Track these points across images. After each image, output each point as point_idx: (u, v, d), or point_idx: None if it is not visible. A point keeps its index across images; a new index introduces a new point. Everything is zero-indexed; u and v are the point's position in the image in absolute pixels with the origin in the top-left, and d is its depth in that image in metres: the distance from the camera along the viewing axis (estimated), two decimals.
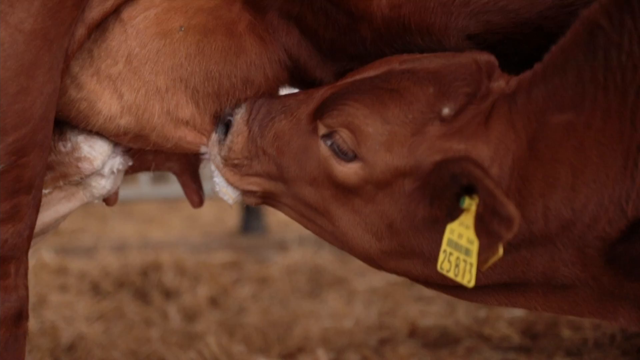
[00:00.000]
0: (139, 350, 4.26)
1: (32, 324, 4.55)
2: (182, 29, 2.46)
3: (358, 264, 5.80)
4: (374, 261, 2.32)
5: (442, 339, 4.34)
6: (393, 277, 5.07)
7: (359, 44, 2.44)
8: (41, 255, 5.82)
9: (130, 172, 2.73)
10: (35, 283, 5.36)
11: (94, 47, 2.47)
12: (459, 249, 2.05)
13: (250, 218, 7.23)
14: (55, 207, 2.56)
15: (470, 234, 2.03)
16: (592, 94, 2.06)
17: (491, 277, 2.20)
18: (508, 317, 4.40)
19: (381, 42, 2.44)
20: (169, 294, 5.33)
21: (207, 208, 7.77)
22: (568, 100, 2.08)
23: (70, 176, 2.54)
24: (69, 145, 2.53)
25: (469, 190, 2.05)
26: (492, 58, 2.27)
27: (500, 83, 2.23)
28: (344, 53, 2.51)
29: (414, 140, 2.17)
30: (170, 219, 8.32)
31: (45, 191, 2.50)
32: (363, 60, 2.44)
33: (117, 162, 2.58)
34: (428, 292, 4.91)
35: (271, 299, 5.27)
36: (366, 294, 5.27)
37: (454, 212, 2.08)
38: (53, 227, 2.64)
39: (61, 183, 2.54)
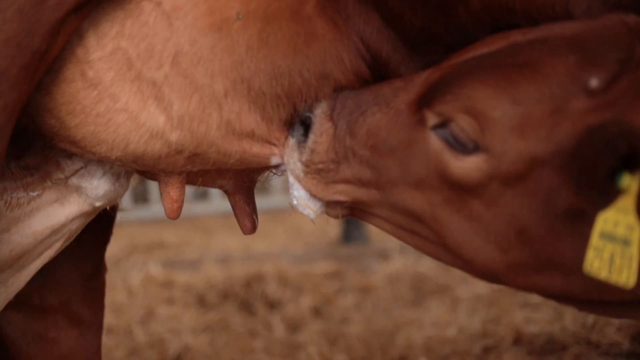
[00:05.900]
0: None
1: (141, 336, 4.69)
2: (240, 17, 2.03)
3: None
4: (497, 278, 1.93)
5: (548, 346, 4.24)
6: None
7: (456, 31, 2.02)
8: (148, 269, 5.98)
9: None
10: (144, 296, 5.52)
11: (130, 46, 2.07)
12: (614, 240, 1.66)
13: (351, 228, 7.24)
14: (46, 210, 2.31)
15: (631, 218, 1.64)
16: None
17: None
18: (617, 322, 4.26)
19: (479, 29, 2.03)
20: (272, 304, 5.39)
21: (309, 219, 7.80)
22: None
23: (52, 172, 2.31)
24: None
25: (628, 165, 1.65)
26: None
27: None
28: (437, 43, 2.08)
29: (554, 120, 1.77)
30: (274, 230, 8.40)
31: (33, 194, 2.29)
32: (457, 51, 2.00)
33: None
34: (534, 298, 4.80)
35: (373, 308, 5.26)
36: (470, 302, 5.20)
37: (607, 198, 1.68)
38: (49, 240, 2.35)
39: (49, 183, 2.31)
